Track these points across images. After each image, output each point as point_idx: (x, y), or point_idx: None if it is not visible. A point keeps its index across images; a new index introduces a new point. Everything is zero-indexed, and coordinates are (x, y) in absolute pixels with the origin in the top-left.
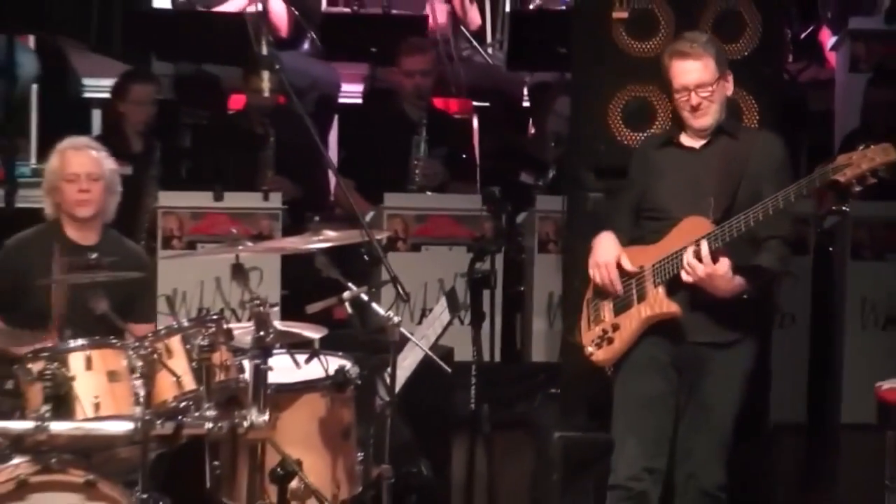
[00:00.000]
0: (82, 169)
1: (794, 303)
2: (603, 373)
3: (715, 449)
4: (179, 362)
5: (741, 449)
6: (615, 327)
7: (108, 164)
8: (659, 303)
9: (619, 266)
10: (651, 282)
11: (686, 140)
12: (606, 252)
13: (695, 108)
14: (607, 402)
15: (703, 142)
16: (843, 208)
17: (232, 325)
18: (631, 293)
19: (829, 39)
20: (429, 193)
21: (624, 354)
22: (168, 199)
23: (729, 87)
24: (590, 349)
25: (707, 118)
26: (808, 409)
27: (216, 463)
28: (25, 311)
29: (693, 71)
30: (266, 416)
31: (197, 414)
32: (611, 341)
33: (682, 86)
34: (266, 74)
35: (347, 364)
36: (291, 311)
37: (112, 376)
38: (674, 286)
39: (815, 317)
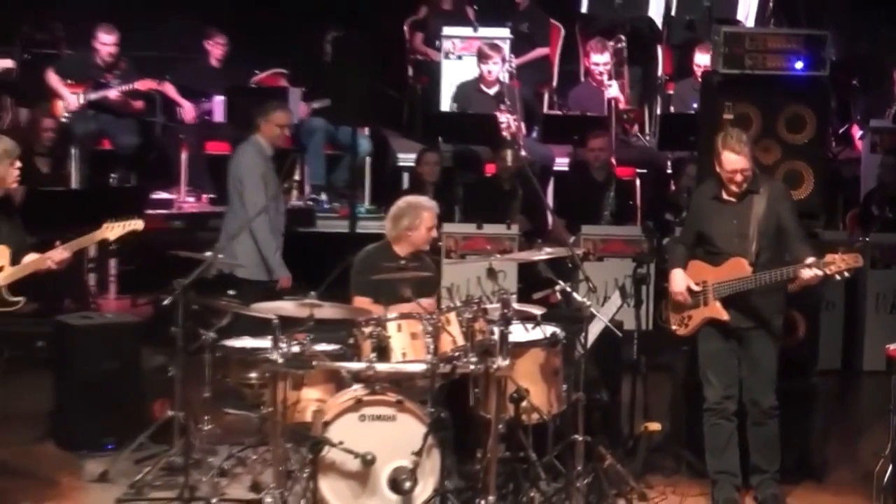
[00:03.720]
0: (433, 222)
1: (834, 295)
2: None
3: (765, 385)
4: (455, 328)
5: (796, 386)
6: (689, 318)
7: None
8: (716, 311)
9: (688, 288)
10: (712, 295)
11: (725, 196)
12: (679, 284)
13: (739, 184)
14: None
15: (736, 199)
16: (866, 238)
17: (487, 306)
18: (699, 298)
19: (857, 133)
20: (609, 226)
21: (696, 331)
22: (449, 227)
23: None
24: (675, 327)
25: (743, 188)
26: (842, 360)
27: (476, 390)
28: (379, 295)
29: (740, 162)
30: (507, 362)
31: (465, 360)
32: (687, 326)
33: (732, 170)
34: (509, 152)
35: (558, 330)
36: (524, 297)
37: (413, 336)
38: (725, 301)
39: (847, 304)
